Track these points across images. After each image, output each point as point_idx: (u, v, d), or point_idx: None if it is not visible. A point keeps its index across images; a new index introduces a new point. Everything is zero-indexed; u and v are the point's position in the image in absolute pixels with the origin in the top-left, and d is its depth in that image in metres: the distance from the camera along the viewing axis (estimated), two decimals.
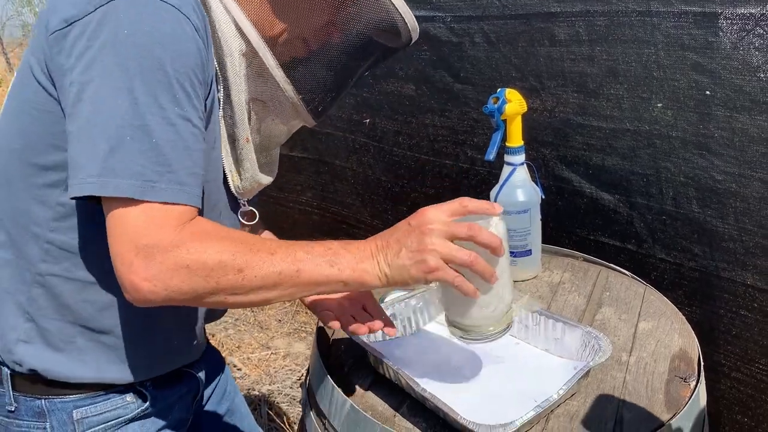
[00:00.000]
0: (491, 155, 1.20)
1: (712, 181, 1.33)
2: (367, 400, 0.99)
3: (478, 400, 0.95)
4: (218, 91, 0.88)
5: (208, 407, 1.19)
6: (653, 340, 1.08)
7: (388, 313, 1.12)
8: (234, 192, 0.97)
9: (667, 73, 1.32)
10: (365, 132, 2.12)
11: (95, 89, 0.74)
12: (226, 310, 1.20)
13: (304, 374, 2.54)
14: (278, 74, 0.88)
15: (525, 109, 1.22)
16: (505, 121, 1.21)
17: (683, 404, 0.93)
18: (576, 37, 1.43)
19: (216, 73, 0.87)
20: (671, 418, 0.90)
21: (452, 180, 1.87)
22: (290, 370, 2.59)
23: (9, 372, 0.91)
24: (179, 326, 1.00)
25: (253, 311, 2.92)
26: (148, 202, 0.74)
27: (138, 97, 0.74)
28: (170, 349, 1.00)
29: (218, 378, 1.21)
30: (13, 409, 0.93)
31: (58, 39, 0.77)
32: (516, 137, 1.22)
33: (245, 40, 0.86)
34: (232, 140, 0.92)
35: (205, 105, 0.83)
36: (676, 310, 1.17)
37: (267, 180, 1.02)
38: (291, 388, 2.47)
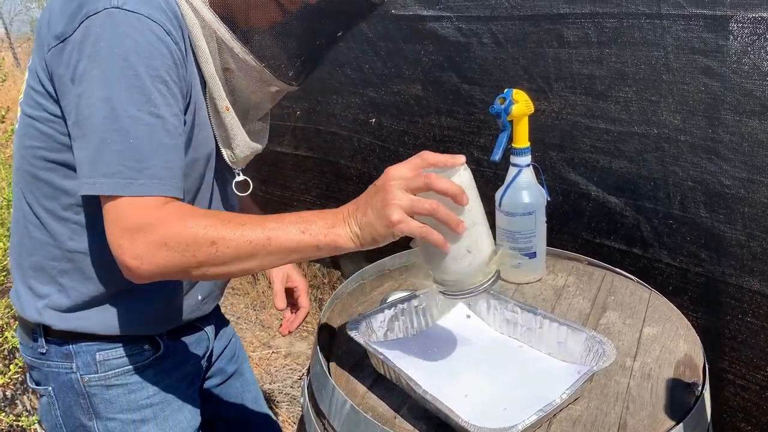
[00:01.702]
0: (497, 156, 1.19)
1: (720, 186, 1.31)
2: (368, 401, 0.98)
3: (480, 403, 0.94)
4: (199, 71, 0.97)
5: (217, 364, 1.33)
6: (658, 346, 1.07)
7: (390, 314, 1.11)
8: (228, 162, 1.05)
9: (677, 76, 1.30)
10: (371, 132, 2.11)
11: (86, 100, 0.86)
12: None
13: (305, 374, 2.54)
14: (236, 46, 0.94)
15: (532, 110, 1.21)
16: (511, 122, 1.20)
17: (688, 411, 0.91)
18: (585, 38, 1.42)
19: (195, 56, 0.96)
20: (675, 425, 0.89)
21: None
22: (291, 369, 2.58)
23: (42, 325, 1.06)
24: (186, 289, 1.12)
25: (255, 309, 2.91)
26: (129, 196, 0.86)
27: (116, 103, 0.85)
28: (179, 307, 1.12)
29: (229, 340, 1.36)
30: (44, 352, 1.07)
31: (55, 55, 0.89)
32: (522, 138, 1.21)
33: (199, 18, 0.93)
34: (216, 112, 1.00)
35: (189, 93, 0.93)
36: (682, 315, 1.16)
37: (258, 147, 1.08)
38: (291, 387, 2.46)
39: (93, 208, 0.96)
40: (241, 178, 1.09)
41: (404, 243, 0.96)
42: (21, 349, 1.14)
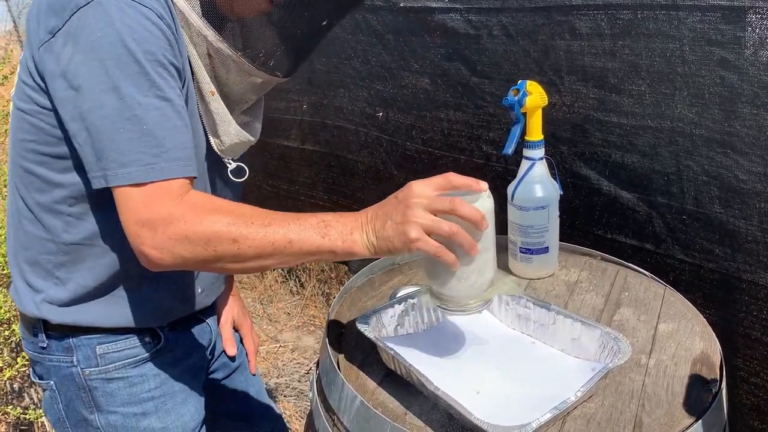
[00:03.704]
0: (510, 149, 1.17)
1: (735, 181, 1.29)
2: (378, 396, 0.97)
3: (492, 400, 0.93)
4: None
5: (221, 358, 1.31)
6: (674, 343, 1.05)
7: (400, 309, 1.10)
8: (216, 151, 1.03)
9: (692, 68, 1.28)
10: (378, 125, 2.09)
11: (87, 92, 0.85)
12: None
13: (313, 368, 2.53)
14: (209, 34, 0.93)
15: (546, 102, 1.19)
16: (525, 114, 1.18)
17: (705, 410, 0.90)
18: (598, 30, 1.40)
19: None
20: (693, 424, 0.87)
21: (466, 175, 1.84)
22: (298, 363, 2.57)
23: (42, 320, 1.05)
24: (185, 280, 1.11)
25: (262, 304, 2.91)
26: (150, 183, 0.85)
27: (122, 92, 0.84)
28: (179, 299, 1.11)
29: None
30: (45, 346, 1.07)
31: (47, 49, 0.88)
32: (536, 131, 1.19)
33: (177, 7, 0.92)
34: (202, 97, 0.99)
35: (185, 78, 0.93)
36: (697, 312, 1.14)
37: (247, 136, 1.06)
38: (299, 381, 2.46)
39: (88, 200, 0.96)
40: (233, 165, 1.07)
41: None
42: (24, 344, 1.13)
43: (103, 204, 0.95)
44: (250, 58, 0.95)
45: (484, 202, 0.89)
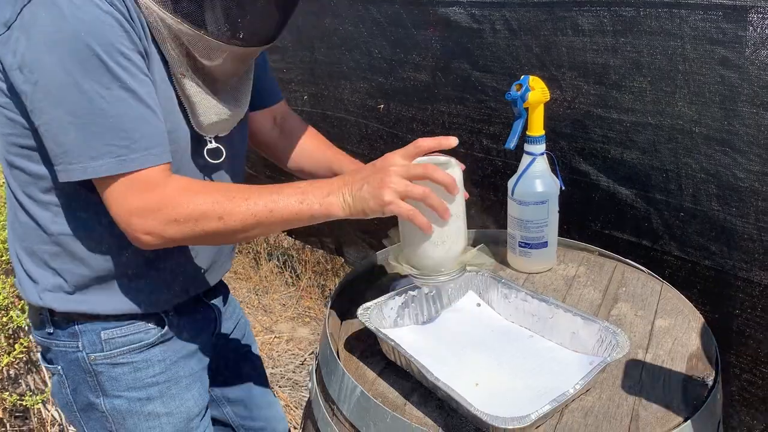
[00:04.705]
0: (512, 144, 1.18)
1: (734, 179, 1.30)
2: (377, 387, 0.98)
3: (491, 392, 0.94)
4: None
5: (226, 345, 1.34)
6: (670, 338, 1.07)
7: (400, 300, 1.10)
8: (197, 130, 1.03)
9: (693, 66, 1.29)
10: (378, 118, 2.09)
11: (46, 88, 0.85)
12: (233, 248, 1.32)
13: (308, 359, 2.54)
14: (166, 17, 0.90)
15: (548, 97, 1.20)
16: (527, 109, 1.19)
17: (700, 404, 0.91)
18: (600, 27, 1.40)
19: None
20: (688, 418, 0.88)
21: (467, 169, 1.84)
22: (293, 354, 2.58)
23: (47, 308, 1.07)
24: (183, 262, 1.11)
25: (257, 294, 2.91)
26: (125, 174, 0.88)
27: (83, 87, 0.84)
28: (179, 283, 1.12)
29: (237, 322, 1.37)
30: (51, 332, 1.09)
31: (3, 42, 0.87)
32: (537, 126, 1.20)
33: None
34: (176, 78, 0.97)
35: (147, 65, 0.92)
36: (694, 308, 1.16)
37: (228, 113, 1.04)
38: (294, 372, 2.47)
39: (69, 190, 0.97)
40: (213, 145, 1.06)
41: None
42: (32, 330, 1.15)
43: (87, 194, 0.96)
44: (215, 34, 0.93)
45: (455, 171, 0.97)
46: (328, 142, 1.33)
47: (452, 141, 0.93)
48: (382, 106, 2.06)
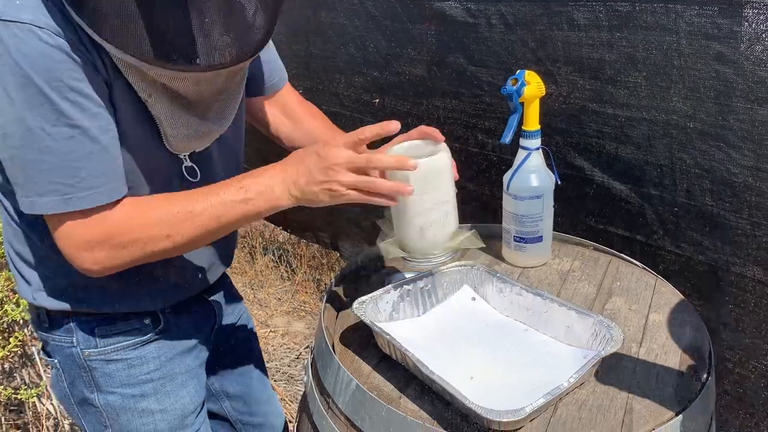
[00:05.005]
0: (507, 138, 1.18)
1: (727, 174, 1.31)
2: (373, 380, 0.98)
3: (486, 386, 0.94)
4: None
5: (227, 341, 1.33)
6: (664, 333, 1.07)
7: (395, 294, 1.11)
8: (168, 148, 1.00)
9: (688, 62, 1.29)
10: (373, 112, 2.09)
11: None
12: (234, 239, 1.31)
13: (303, 353, 2.54)
14: (108, 47, 0.84)
15: (543, 92, 1.20)
16: (522, 103, 1.19)
17: (693, 398, 0.92)
18: (596, 22, 1.40)
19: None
20: (681, 412, 0.89)
21: (461, 163, 1.84)
22: (288, 348, 2.59)
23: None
24: (180, 266, 1.10)
25: (252, 288, 2.91)
26: (71, 212, 0.87)
27: (29, 123, 0.82)
28: (176, 284, 1.11)
29: (239, 317, 1.37)
30: (47, 326, 1.09)
31: None
32: (533, 121, 1.20)
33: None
34: (145, 101, 0.93)
35: (111, 93, 0.88)
36: (688, 303, 1.16)
37: (203, 130, 0.99)
38: (289, 366, 2.47)
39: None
40: (188, 163, 1.04)
41: None
42: (31, 324, 1.15)
43: None
44: (162, 62, 0.85)
45: (441, 157, 1.01)
46: (328, 122, 1.31)
47: (393, 126, 0.92)
48: (377, 100, 2.06)
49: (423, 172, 0.96)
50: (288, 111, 1.28)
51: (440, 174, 1.02)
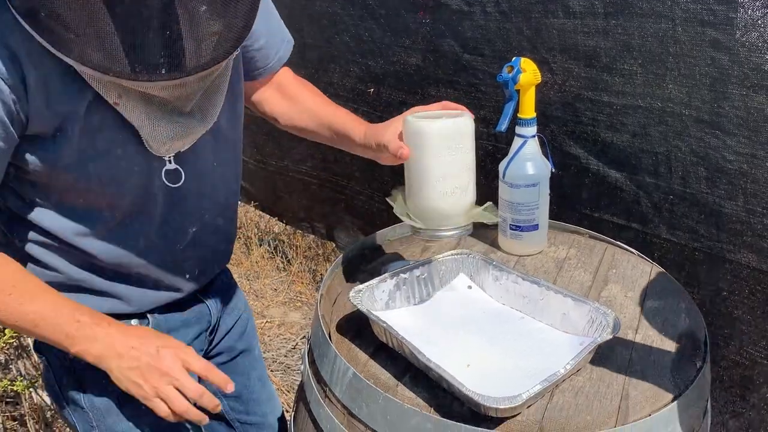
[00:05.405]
0: (503, 126, 1.17)
1: (723, 161, 1.31)
2: (370, 368, 0.98)
3: (483, 373, 0.94)
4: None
5: (226, 341, 1.30)
6: (660, 319, 1.07)
7: (392, 283, 1.10)
8: (150, 151, 0.95)
9: (684, 49, 1.29)
10: (368, 101, 2.08)
11: None
12: (230, 242, 1.27)
13: (300, 343, 2.54)
14: (65, 58, 0.80)
15: (539, 79, 1.19)
16: (518, 91, 1.18)
17: (689, 384, 0.92)
18: (591, 9, 1.40)
19: None
20: (677, 397, 0.89)
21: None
22: (285, 338, 2.59)
23: None
24: (165, 273, 1.08)
25: (248, 279, 2.91)
26: None
27: None
28: (163, 289, 1.09)
29: (239, 316, 1.32)
30: None
31: None
32: (529, 108, 1.19)
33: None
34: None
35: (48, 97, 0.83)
36: (683, 289, 1.16)
37: (185, 130, 0.94)
38: (285, 356, 2.47)
39: (15, 212, 0.97)
40: (172, 166, 0.98)
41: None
42: None
43: (41, 212, 0.96)
44: (122, 73, 0.80)
45: (466, 121, 0.99)
46: (326, 99, 1.26)
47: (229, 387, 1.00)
48: (372, 90, 2.05)
49: (450, 131, 0.93)
50: (284, 90, 1.24)
51: (466, 137, 1.00)
